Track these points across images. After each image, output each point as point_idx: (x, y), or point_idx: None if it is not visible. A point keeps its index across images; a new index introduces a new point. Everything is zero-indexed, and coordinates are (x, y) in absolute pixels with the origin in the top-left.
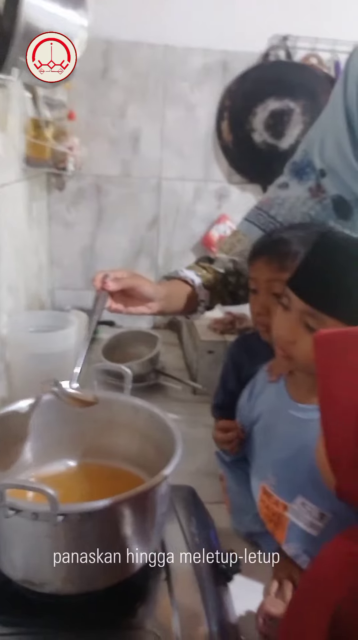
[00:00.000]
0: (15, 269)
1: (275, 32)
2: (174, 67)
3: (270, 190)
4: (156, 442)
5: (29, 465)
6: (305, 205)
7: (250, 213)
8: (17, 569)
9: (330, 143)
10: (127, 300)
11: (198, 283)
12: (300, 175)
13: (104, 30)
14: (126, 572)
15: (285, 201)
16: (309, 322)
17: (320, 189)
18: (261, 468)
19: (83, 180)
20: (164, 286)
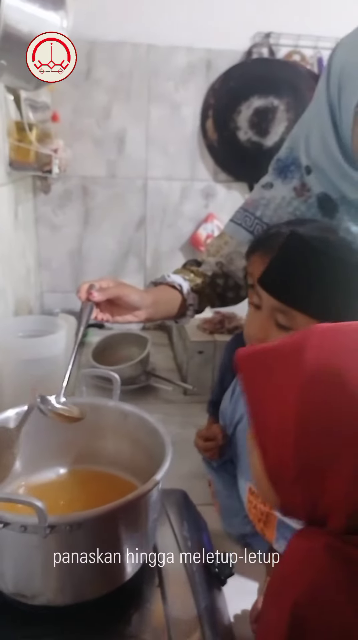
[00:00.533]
0: (2, 273)
1: (258, 29)
2: (158, 66)
3: (255, 191)
4: (146, 446)
5: (19, 473)
6: (290, 206)
7: (236, 214)
8: (7, 582)
9: (315, 139)
10: (114, 309)
11: (186, 287)
12: (285, 173)
13: (87, 31)
14: (118, 580)
15: (270, 202)
16: (279, 320)
17: (304, 188)
18: (245, 469)
19: (69, 182)
20: (151, 293)
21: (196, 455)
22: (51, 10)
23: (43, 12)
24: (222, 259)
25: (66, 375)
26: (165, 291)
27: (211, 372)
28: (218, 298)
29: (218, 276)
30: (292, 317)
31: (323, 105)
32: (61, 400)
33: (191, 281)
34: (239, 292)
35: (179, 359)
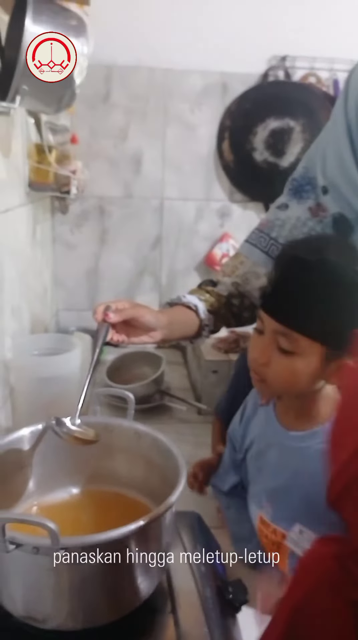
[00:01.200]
0: (19, 292)
1: (274, 53)
2: (174, 89)
3: (270, 212)
4: (160, 468)
5: (32, 493)
6: (306, 226)
7: (251, 235)
8: (18, 604)
9: (332, 159)
10: (130, 330)
11: (201, 308)
12: (300, 194)
13: (105, 55)
14: (130, 605)
15: (286, 222)
16: (281, 343)
17: (320, 208)
18: (256, 496)
19: (86, 202)
20: (166, 314)
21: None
22: (72, 38)
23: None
24: (238, 279)
25: (82, 397)
26: (181, 312)
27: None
28: (234, 318)
29: (233, 296)
30: (294, 340)
31: (340, 125)
32: (76, 421)
33: (206, 301)
34: (255, 312)
35: (194, 378)
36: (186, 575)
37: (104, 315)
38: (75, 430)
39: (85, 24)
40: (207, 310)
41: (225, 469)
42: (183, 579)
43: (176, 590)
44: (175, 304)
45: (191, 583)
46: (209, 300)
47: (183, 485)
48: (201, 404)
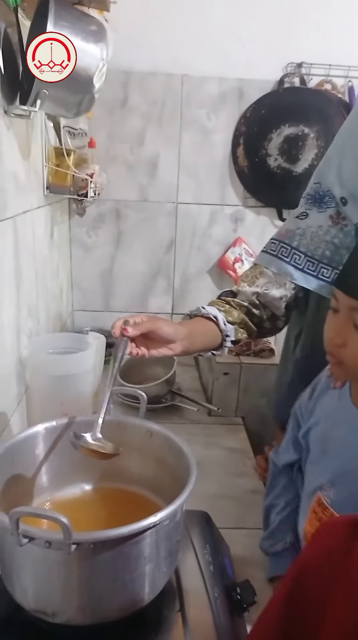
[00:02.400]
0: (36, 292)
1: (290, 60)
2: (191, 95)
3: (289, 222)
4: (170, 466)
5: (45, 488)
6: (328, 234)
7: (269, 246)
8: (29, 598)
9: (350, 168)
10: (149, 343)
11: (221, 318)
12: (319, 203)
13: (124, 61)
14: (139, 602)
15: (306, 231)
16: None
17: (340, 216)
18: (317, 476)
19: (103, 205)
20: (185, 325)
21: (220, 477)
22: (91, 43)
23: (84, 45)
24: (258, 289)
25: (102, 412)
26: (201, 323)
27: (236, 393)
28: (256, 329)
29: (254, 306)
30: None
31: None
32: (97, 436)
33: (226, 312)
34: (276, 322)
35: (205, 379)
36: (194, 574)
37: (122, 329)
38: (93, 443)
39: (105, 30)
40: (227, 320)
41: (285, 445)
42: (192, 579)
43: (185, 589)
44: (195, 316)
45: (200, 583)
46: (229, 312)
47: (193, 485)
48: (212, 405)
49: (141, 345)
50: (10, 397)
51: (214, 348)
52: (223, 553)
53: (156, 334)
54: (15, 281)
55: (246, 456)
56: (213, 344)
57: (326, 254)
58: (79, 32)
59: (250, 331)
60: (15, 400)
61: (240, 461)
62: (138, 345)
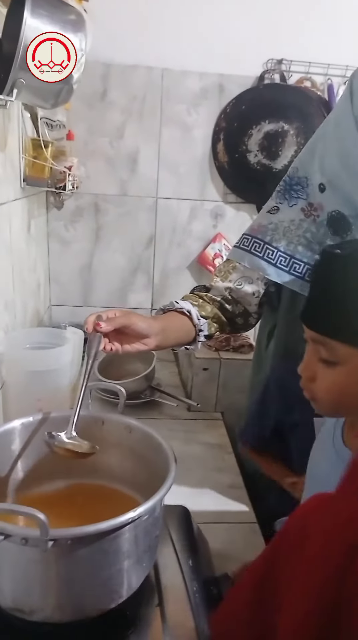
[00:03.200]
0: (13, 286)
1: (270, 56)
2: (171, 89)
3: (261, 217)
4: (149, 462)
5: (22, 485)
6: (300, 228)
7: (242, 241)
8: (6, 596)
9: (333, 157)
10: (122, 338)
11: (195, 313)
12: (289, 194)
13: (103, 53)
14: (118, 598)
15: (279, 226)
16: (322, 354)
17: (312, 208)
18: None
19: (81, 199)
20: (159, 320)
21: (199, 472)
22: (70, 32)
23: (62, 34)
24: (231, 284)
25: (76, 410)
26: (174, 317)
27: (215, 389)
28: (228, 324)
29: (227, 301)
30: (333, 349)
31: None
32: (71, 434)
33: (200, 307)
34: (248, 319)
35: (185, 375)
36: (173, 569)
37: (95, 325)
38: (68, 442)
39: (84, 20)
40: (201, 315)
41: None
42: (171, 573)
43: (164, 584)
44: (168, 310)
45: (179, 577)
46: (202, 306)
47: (172, 480)
48: (191, 400)
49: (115, 340)
50: None
51: (188, 342)
52: (201, 547)
53: (130, 329)
54: None
55: (225, 451)
56: (186, 338)
57: (298, 249)
58: (57, 21)
59: (222, 326)
60: None
61: (218, 456)
62: (111, 340)
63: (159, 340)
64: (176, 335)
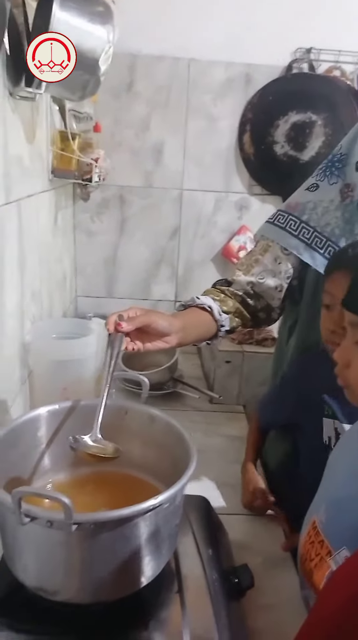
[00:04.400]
0: (40, 277)
1: (299, 45)
2: (197, 80)
3: (299, 194)
4: (171, 452)
5: (47, 470)
6: (339, 209)
7: (277, 217)
8: (30, 576)
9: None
10: (144, 336)
11: (216, 308)
12: (331, 170)
13: (130, 44)
14: (138, 583)
15: (317, 205)
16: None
17: (348, 188)
18: (318, 499)
19: (107, 190)
20: (180, 317)
21: (220, 464)
22: (98, 24)
23: (90, 26)
24: (253, 278)
25: (99, 412)
26: (195, 314)
27: (237, 381)
28: (251, 319)
29: (249, 296)
30: None
31: None
32: (97, 437)
33: (221, 302)
34: (271, 313)
35: (207, 367)
36: (193, 557)
37: (116, 325)
38: (92, 446)
39: (111, 11)
40: (222, 310)
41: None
42: (190, 562)
43: (183, 572)
44: (189, 306)
45: (198, 566)
46: (224, 301)
47: (193, 469)
48: (213, 393)
49: (136, 339)
50: (14, 381)
51: (209, 338)
52: (221, 538)
53: (151, 327)
54: (19, 266)
55: None
56: (207, 334)
57: (335, 232)
58: (86, 13)
59: (244, 320)
60: (18, 384)
61: (240, 449)
62: (133, 339)
63: (180, 337)
64: (197, 332)
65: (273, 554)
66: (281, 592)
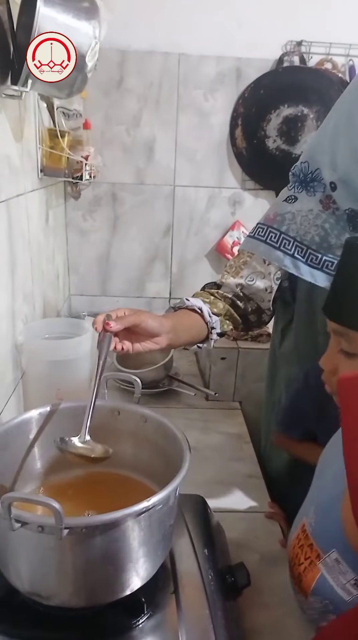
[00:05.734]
0: (31, 277)
1: (289, 38)
2: (188, 75)
3: (277, 206)
4: (165, 452)
5: (39, 473)
6: (319, 218)
7: (256, 231)
8: (24, 581)
9: (344, 151)
10: (133, 337)
11: (206, 310)
12: (306, 186)
13: (119, 40)
14: (133, 585)
15: (296, 215)
16: (343, 345)
17: (330, 200)
18: (307, 501)
19: (98, 188)
20: (170, 318)
21: (217, 461)
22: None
23: (76, 22)
24: (242, 280)
25: (88, 414)
26: (186, 315)
27: (233, 378)
28: (242, 321)
29: (239, 298)
30: (352, 339)
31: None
32: (85, 439)
33: (211, 304)
34: (261, 315)
35: (202, 364)
36: (189, 557)
37: (104, 324)
38: (81, 447)
39: (97, 7)
40: (212, 312)
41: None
42: (186, 561)
43: (179, 571)
44: (179, 308)
45: (194, 565)
46: (214, 303)
47: (186, 470)
48: (209, 390)
49: (125, 339)
50: (6, 383)
51: (200, 340)
52: (218, 536)
53: (141, 327)
54: (9, 267)
55: (243, 441)
56: (199, 336)
57: (315, 240)
58: (71, 9)
59: (235, 323)
60: (11, 386)
61: (236, 446)
62: (122, 339)
63: (170, 338)
64: (188, 334)
65: (271, 551)
66: (279, 590)
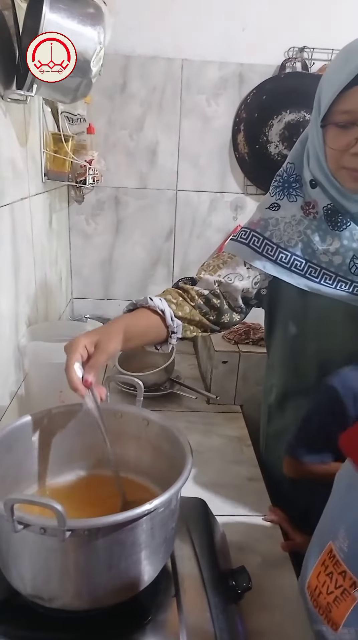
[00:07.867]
0: (35, 280)
1: (292, 44)
2: (191, 80)
3: (260, 212)
4: (166, 454)
5: (41, 475)
6: (301, 224)
7: (240, 234)
8: (26, 583)
9: (313, 157)
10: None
11: (169, 313)
12: (288, 191)
13: (123, 45)
14: (135, 588)
15: (280, 221)
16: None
17: (310, 205)
18: (331, 522)
19: (102, 192)
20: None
21: (218, 464)
22: (88, 26)
23: (81, 28)
24: (221, 279)
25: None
26: (144, 316)
27: (234, 381)
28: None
29: (215, 295)
30: None
31: (314, 123)
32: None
33: (178, 306)
34: (232, 316)
35: (204, 368)
36: (190, 560)
37: (84, 382)
38: None
39: (102, 13)
40: (177, 315)
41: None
42: (188, 565)
43: (180, 574)
44: (141, 306)
45: (195, 568)
46: (181, 305)
47: (188, 473)
48: (210, 393)
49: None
50: (9, 385)
51: (157, 342)
52: (219, 540)
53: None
54: (13, 269)
55: (244, 444)
56: (155, 339)
57: (299, 246)
58: (76, 14)
59: (204, 326)
60: (14, 388)
61: (237, 449)
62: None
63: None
64: (141, 339)
65: (272, 554)
66: (281, 592)
